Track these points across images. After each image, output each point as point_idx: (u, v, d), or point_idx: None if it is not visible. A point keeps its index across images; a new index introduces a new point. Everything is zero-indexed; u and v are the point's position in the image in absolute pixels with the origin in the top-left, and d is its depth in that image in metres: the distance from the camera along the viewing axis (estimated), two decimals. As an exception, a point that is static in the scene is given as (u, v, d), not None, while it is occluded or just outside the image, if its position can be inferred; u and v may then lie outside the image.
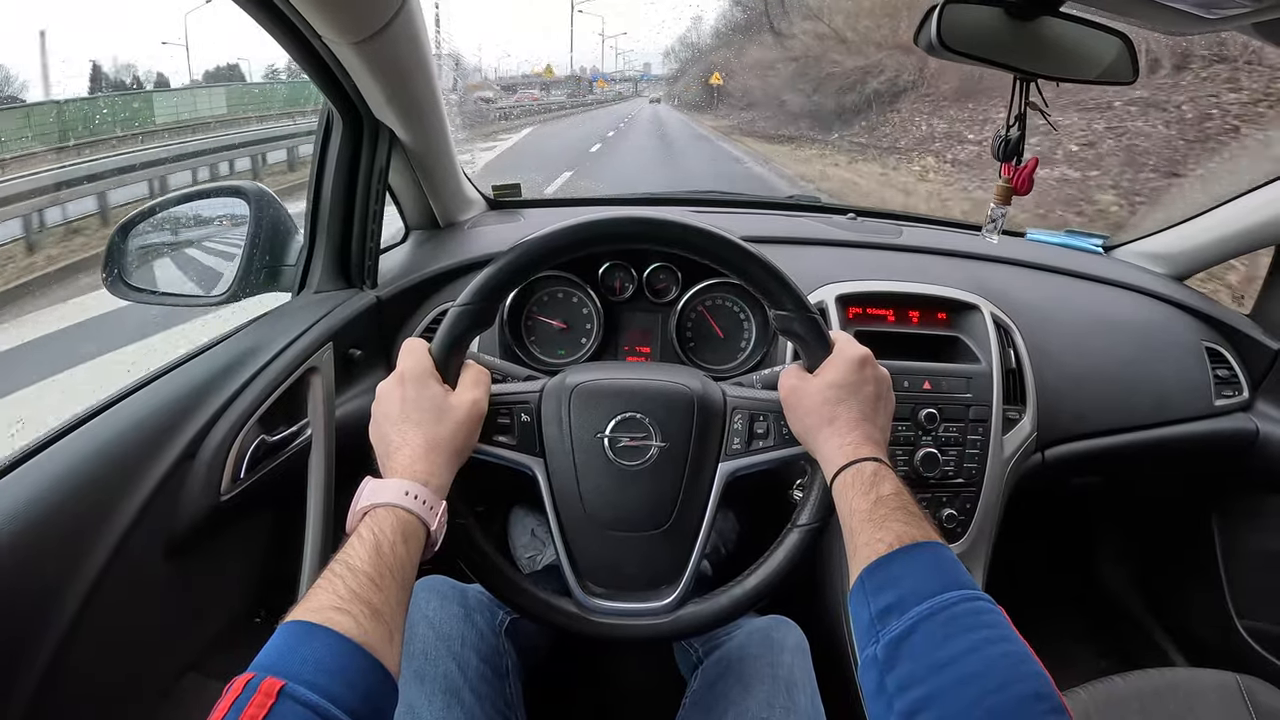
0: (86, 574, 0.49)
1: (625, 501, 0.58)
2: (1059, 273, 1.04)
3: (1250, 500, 1.06)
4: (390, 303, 0.87)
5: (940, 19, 0.63)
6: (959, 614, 0.40)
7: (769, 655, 0.67)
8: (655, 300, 0.88)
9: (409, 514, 0.46)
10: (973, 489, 0.82)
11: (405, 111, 0.79)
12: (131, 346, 2.10)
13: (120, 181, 3.59)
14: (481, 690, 0.63)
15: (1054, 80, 0.70)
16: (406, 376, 0.53)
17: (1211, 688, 0.74)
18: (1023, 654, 0.39)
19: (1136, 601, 1.27)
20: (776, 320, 0.57)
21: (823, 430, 0.53)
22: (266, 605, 0.73)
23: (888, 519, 0.46)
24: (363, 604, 0.40)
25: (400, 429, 0.51)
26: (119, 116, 4.78)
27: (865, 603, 0.44)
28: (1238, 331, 1.02)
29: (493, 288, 0.56)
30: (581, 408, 0.58)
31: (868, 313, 0.88)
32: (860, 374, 0.54)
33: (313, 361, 0.71)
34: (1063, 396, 0.90)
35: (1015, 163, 0.73)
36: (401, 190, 0.97)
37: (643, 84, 27.67)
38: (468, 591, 0.70)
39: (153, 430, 0.57)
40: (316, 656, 0.37)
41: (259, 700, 0.33)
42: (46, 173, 3.40)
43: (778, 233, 1.05)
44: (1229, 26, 0.63)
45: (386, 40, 0.66)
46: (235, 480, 0.61)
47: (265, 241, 0.80)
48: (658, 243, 0.58)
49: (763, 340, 0.87)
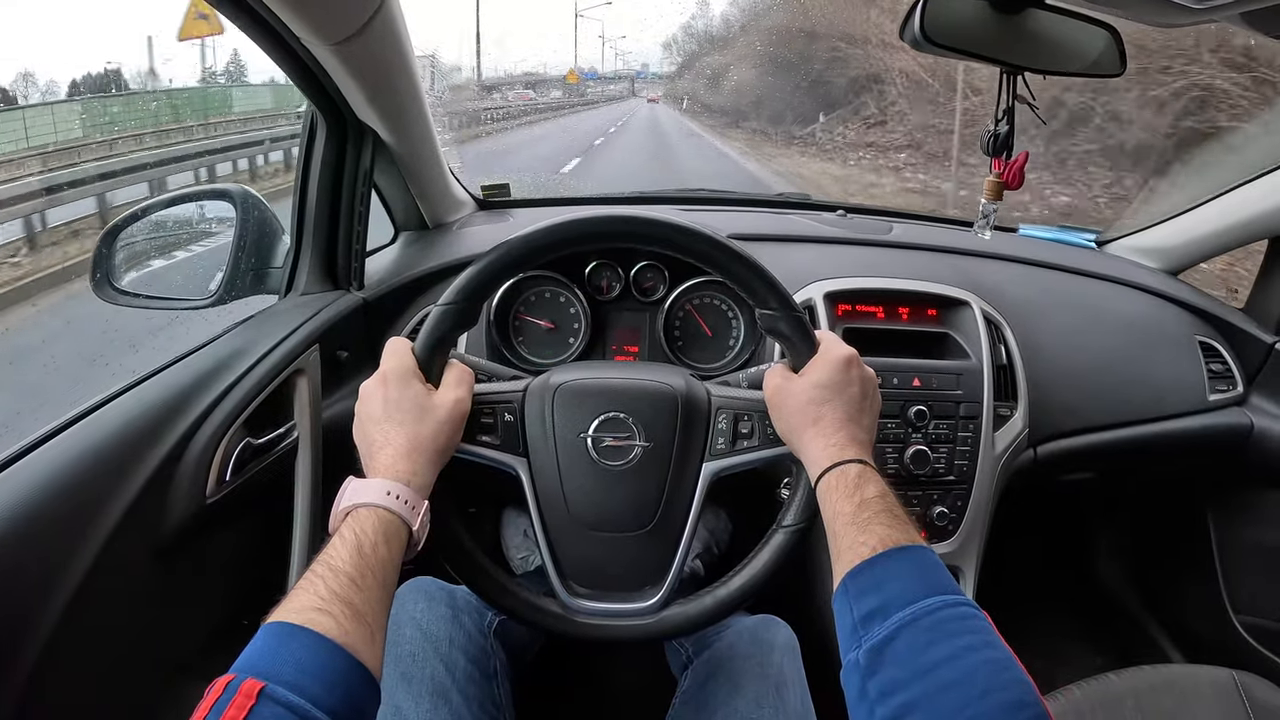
0: (73, 576, 0.49)
1: (609, 502, 0.57)
2: (1051, 268, 1.03)
3: (1245, 495, 1.06)
4: (377, 304, 0.87)
5: (924, 13, 0.63)
6: (942, 619, 0.40)
7: (759, 654, 0.67)
8: (643, 299, 0.88)
9: (391, 514, 0.46)
10: (964, 486, 0.82)
11: (388, 113, 0.79)
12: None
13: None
14: (469, 691, 0.62)
15: (1041, 73, 0.69)
16: (389, 376, 0.52)
17: (1208, 684, 0.73)
18: (1006, 661, 0.38)
19: (1132, 598, 1.27)
20: (762, 319, 0.56)
21: (807, 431, 0.52)
22: (253, 607, 0.72)
23: (871, 522, 0.46)
24: (344, 604, 0.40)
25: (383, 428, 0.51)
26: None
27: (848, 607, 0.44)
28: (1231, 325, 1.02)
29: (475, 287, 0.55)
30: (565, 407, 0.58)
31: (857, 310, 0.88)
32: (846, 374, 0.54)
33: (299, 364, 0.71)
34: (1055, 392, 0.90)
35: (1005, 157, 0.72)
36: (390, 192, 0.97)
37: (640, 82, 27.01)
38: (455, 593, 0.70)
39: (139, 433, 0.57)
40: (297, 657, 0.36)
41: (239, 701, 0.33)
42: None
43: (766, 230, 1.05)
44: (1217, 17, 0.62)
45: (365, 41, 0.66)
46: (221, 483, 0.61)
47: (252, 244, 0.80)
48: (642, 241, 0.58)
49: (751, 339, 0.87)
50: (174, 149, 4.63)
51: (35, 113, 4.32)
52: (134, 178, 3.72)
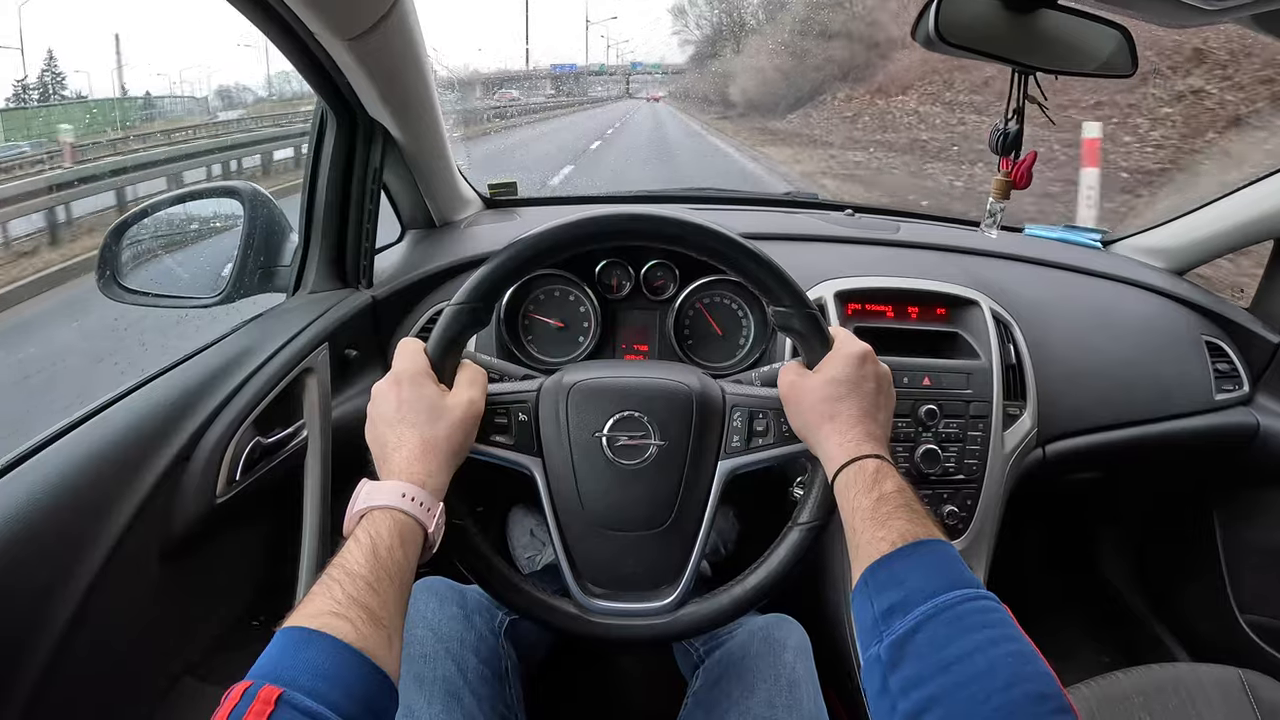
0: (82, 577, 0.49)
1: (624, 501, 0.57)
2: (1058, 268, 1.03)
3: (1251, 494, 1.06)
4: (386, 303, 0.86)
5: (938, 12, 0.63)
6: (964, 613, 0.40)
7: (771, 654, 0.67)
8: (653, 298, 0.88)
9: (406, 516, 0.46)
10: (973, 485, 0.82)
11: (399, 109, 0.79)
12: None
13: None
14: (481, 692, 0.62)
15: (1052, 73, 0.69)
16: (402, 377, 0.52)
17: (1214, 683, 0.74)
18: (1029, 653, 0.38)
19: (1138, 597, 1.27)
20: (775, 317, 0.56)
21: (824, 427, 0.52)
22: (264, 608, 0.72)
23: (890, 517, 0.46)
24: (360, 609, 0.39)
25: (396, 430, 0.50)
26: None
27: (868, 602, 0.43)
28: (1238, 325, 1.02)
29: (488, 287, 0.55)
30: (579, 407, 0.58)
31: (867, 309, 0.88)
32: (861, 370, 0.54)
33: (308, 362, 0.70)
34: (1063, 392, 0.90)
35: (1014, 156, 0.72)
36: (397, 190, 0.96)
37: (634, 76, 24.84)
38: (467, 593, 0.70)
39: (148, 432, 0.56)
40: (314, 663, 0.36)
41: (257, 708, 0.33)
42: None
43: (775, 229, 1.05)
44: (1229, 18, 0.62)
45: (379, 37, 0.66)
46: (231, 482, 0.61)
47: (260, 242, 0.80)
48: (655, 239, 0.57)
49: (761, 337, 0.87)
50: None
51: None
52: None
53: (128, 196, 3.78)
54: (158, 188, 4.42)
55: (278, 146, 5.79)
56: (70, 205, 3.55)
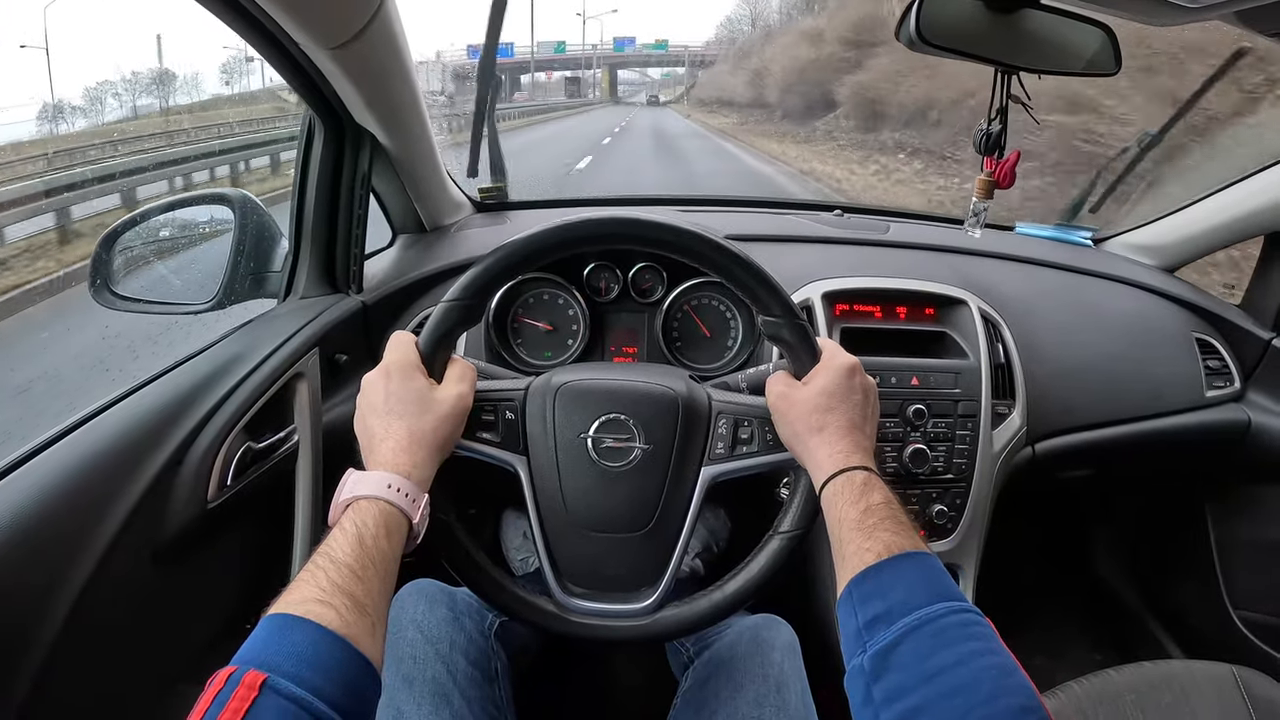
0: (74, 582, 0.49)
1: (607, 502, 0.58)
2: (1048, 266, 1.03)
3: (1244, 491, 1.06)
4: (376, 307, 0.87)
5: (919, 12, 0.63)
6: (947, 626, 0.41)
7: (759, 654, 0.67)
8: (641, 300, 0.88)
9: (391, 506, 0.46)
10: (963, 484, 0.82)
11: (386, 116, 0.79)
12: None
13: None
14: (470, 693, 0.62)
15: (1036, 73, 0.69)
16: (392, 369, 0.53)
17: (1207, 679, 0.73)
18: (1010, 666, 0.39)
19: (1131, 594, 1.27)
20: (765, 326, 0.57)
21: (812, 438, 0.53)
22: (256, 612, 0.72)
23: (876, 528, 0.46)
24: (345, 596, 0.40)
25: (384, 421, 0.51)
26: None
27: (853, 612, 0.44)
28: (1228, 322, 1.02)
29: (481, 284, 0.56)
30: (566, 407, 0.58)
31: (854, 309, 0.88)
32: (849, 382, 0.54)
33: (299, 367, 0.71)
34: (1053, 390, 0.90)
35: (997, 156, 0.72)
36: (387, 195, 0.97)
37: (621, 65, 21.57)
38: (456, 595, 0.70)
39: (138, 438, 0.57)
40: (299, 649, 0.36)
41: (241, 694, 0.33)
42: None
43: (762, 230, 1.05)
44: (1212, 15, 0.62)
45: (363, 46, 0.66)
46: (222, 487, 0.62)
47: (250, 248, 0.80)
48: (646, 244, 0.58)
49: (749, 338, 0.87)
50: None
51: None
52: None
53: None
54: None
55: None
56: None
